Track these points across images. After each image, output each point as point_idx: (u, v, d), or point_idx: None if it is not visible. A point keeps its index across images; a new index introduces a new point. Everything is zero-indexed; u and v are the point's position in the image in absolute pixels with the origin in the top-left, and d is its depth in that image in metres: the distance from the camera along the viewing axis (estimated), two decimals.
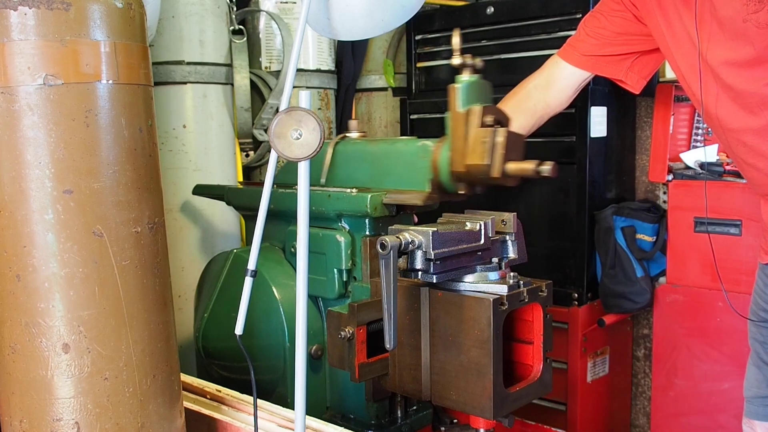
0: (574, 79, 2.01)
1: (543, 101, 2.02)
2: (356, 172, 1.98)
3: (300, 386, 1.34)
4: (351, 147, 2.04)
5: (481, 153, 1.63)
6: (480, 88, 1.73)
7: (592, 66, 1.98)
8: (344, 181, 1.99)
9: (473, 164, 1.66)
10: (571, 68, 1.99)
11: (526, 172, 1.61)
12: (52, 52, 1.09)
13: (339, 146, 2.04)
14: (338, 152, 2.03)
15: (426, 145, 1.84)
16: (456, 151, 1.71)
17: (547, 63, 2.04)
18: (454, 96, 1.71)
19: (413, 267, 1.50)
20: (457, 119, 1.70)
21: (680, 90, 2.53)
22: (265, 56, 2.87)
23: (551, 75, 2.02)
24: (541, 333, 1.62)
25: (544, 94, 2.02)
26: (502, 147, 1.62)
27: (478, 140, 1.65)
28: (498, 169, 1.62)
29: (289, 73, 1.38)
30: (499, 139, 1.63)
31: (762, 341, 1.82)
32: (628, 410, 2.96)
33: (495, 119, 1.68)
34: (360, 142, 2.06)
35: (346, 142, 2.06)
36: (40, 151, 1.11)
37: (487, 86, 1.75)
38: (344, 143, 2.05)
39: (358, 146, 2.04)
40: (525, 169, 1.61)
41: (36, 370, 1.16)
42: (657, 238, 2.59)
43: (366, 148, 2.02)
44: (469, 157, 1.67)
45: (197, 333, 2.19)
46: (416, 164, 1.83)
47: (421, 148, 1.85)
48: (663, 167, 2.56)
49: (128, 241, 1.18)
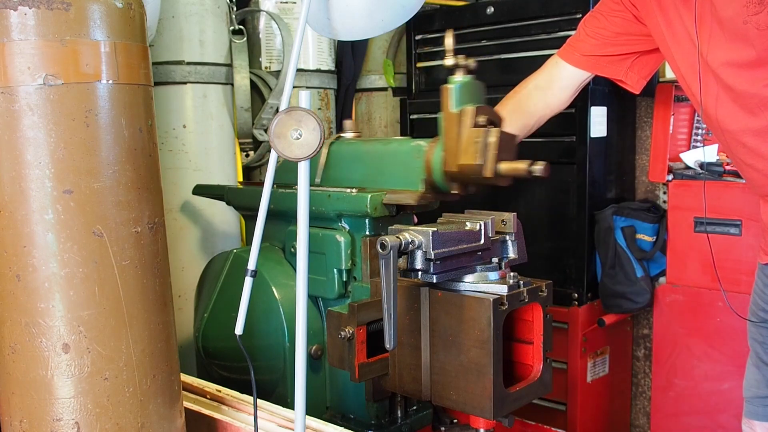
0: (575, 79, 2.01)
1: (543, 101, 2.02)
2: (351, 172, 1.98)
3: (300, 386, 1.34)
4: (346, 147, 2.05)
5: (474, 153, 1.64)
6: (473, 88, 1.74)
7: (592, 66, 1.98)
8: (339, 181, 1.99)
9: (466, 164, 1.67)
10: (571, 68, 1.99)
11: (518, 172, 1.62)
12: (52, 52, 1.09)
13: (334, 146, 2.05)
14: (333, 152, 2.04)
15: (419, 145, 1.85)
16: (449, 151, 1.72)
17: (547, 63, 2.04)
18: (447, 97, 1.72)
19: (413, 267, 1.50)
20: (450, 119, 1.71)
21: (680, 90, 2.53)
22: (265, 56, 2.87)
23: (551, 75, 2.02)
24: (541, 333, 1.62)
25: (544, 94, 2.02)
26: (495, 147, 1.63)
27: (471, 140, 1.66)
28: (490, 169, 1.63)
29: (289, 73, 1.38)
30: (492, 140, 1.64)
31: (761, 341, 1.82)
32: (628, 410, 2.96)
33: (488, 119, 1.69)
34: (355, 143, 2.06)
35: (341, 142, 2.06)
36: (40, 151, 1.11)
37: (480, 87, 1.76)
38: (339, 143, 2.06)
39: (353, 146, 2.04)
40: (517, 169, 1.62)
41: (36, 370, 1.16)
42: (657, 238, 2.59)
43: (361, 148, 2.02)
44: (461, 157, 1.68)
45: (197, 333, 2.19)
46: (410, 164, 1.84)
47: (414, 148, 1.86)
48: (663, 167, 2.56)
49: (128, 241, 1.18)
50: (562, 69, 2.00)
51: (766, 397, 1.81)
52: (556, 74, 2.02)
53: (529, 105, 2.02)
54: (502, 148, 1.64)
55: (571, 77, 2.00)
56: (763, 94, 1.62)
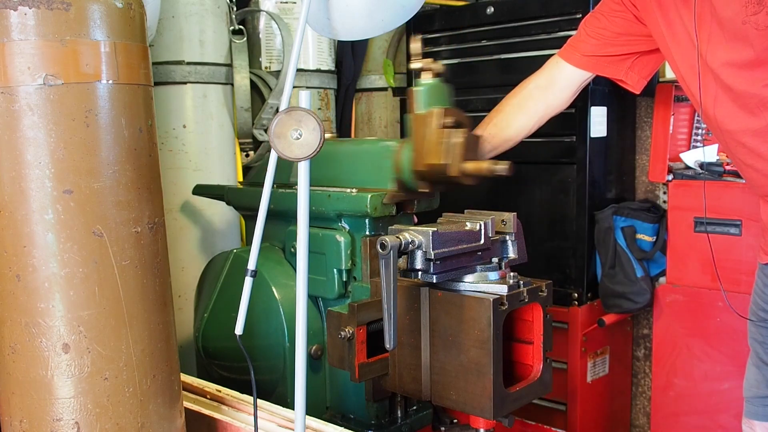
0: (575, 80, 2.01)
1: (544, 101, 2.02)
2: (326, 172, 1.99)
3: (300, 386, 1.34)
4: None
5: (440, 153, 1.71)
6: (440, 91, 1.80)
7: (593, 66, 1.98)
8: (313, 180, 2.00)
9: (432, 164, 1.73)
10: (572, 68, 1.99)
11: (482, 171, 1.69)
12: (52, 52, 1.09)
13: None
14: None
15: (389, 145, 1.90)
16: (417, 151, 1.78)
17: (548, 63, 2.04)
18: (414, 99, 1.78)
19: (413, 267, 1.50)
20: (417, 121, 1.77)
21: (680, 90, 2.53)
22: (265, 56, 2.87)
23: (552, 75, 2.02)
24: (541, 333, 1.62)
25: (544, 94, 2.02)
26: (460, 147, 1.70)
27: (437, 141, 1.73)
28: (456, 169, 1.70)
29: (289, 73, 1.38)
30: (457, 140, 1.71)
31: (761, 341, 1.82)
32: (628, 410, 2.96)
33: (454, 121, 1.75)
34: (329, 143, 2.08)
35: None
36: (40, 151, 1.11)
37: (447, 89, 1.82)
38: None
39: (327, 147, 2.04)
40: (481, 168, 1.69)
41: (36, 370, 1.16)
42: (657, 238, 2.59)
43: (334, 149, 2.05)
44: (428, 157, 1.74)
45: (197, 333, 2.19)
46: (380, 164, 1.89)
47: (384, 149, 1.91)
48: (663, 167, 2.56)
49: (128, 241, 1.18)
50: (562, 69, 2.01)
51: (767, 396, 1.81)
52: (557, 74, 2.02)
53: (530, 105, 2.02)
54: (467, 148, 1.72)
55: (571, 77, 2.01)
56: (762, 94, 1.62)
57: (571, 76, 2.00)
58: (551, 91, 2.02)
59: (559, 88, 2.02)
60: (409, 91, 1.79)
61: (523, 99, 2.02)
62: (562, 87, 2.02)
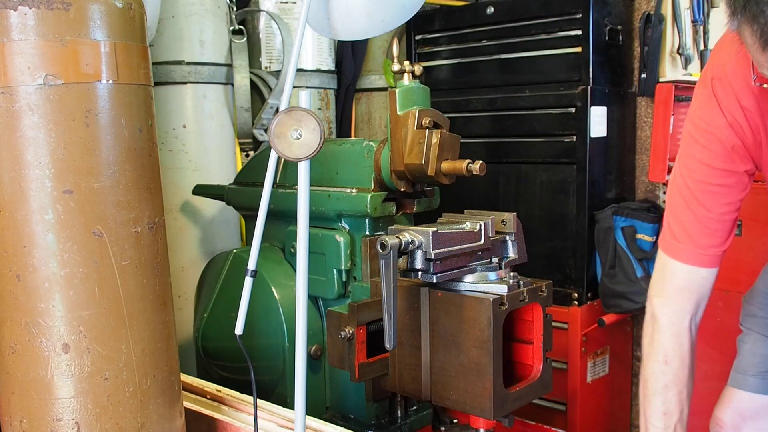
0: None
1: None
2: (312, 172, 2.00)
3: (300, 386, 1.34)
4: None
5: (418, 153, 1.77)
6: (418, 92, 1.83)
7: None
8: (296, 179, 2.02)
9: (411, 163, 1.79)
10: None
11: (458, 171, 1.75)
12: (52, 52, 1.09)
13: None
14: None
15: (370, 145, 1.94)
16: (396, 151, 1.83)
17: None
18: (393, 100, 1.82)
19: (413, 267, 1.50)
20: (396, 122, 1.82)
21: (680, 90, 2.53)
22: (265, 56, 2.87)
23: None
24: (541, 333, 1.62)
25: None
26: (437, 147, 1.76)
27: (415, 141, 1.79)
28: (433, 168, 1.76)
29: (289, 73, 1.38)
30: (434, 140, 1.77)
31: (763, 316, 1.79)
32: (628, 410, 2.95)
33: (432, 121, 1.79)
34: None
35: None
36: (40, 151, 1.11)
37: (426, 91, 1.86)
38: None
39: None
40: (457, 168, 1.75)
41: (36, 370, 1.16)
42: (657, 238, 2.59)
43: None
44: (407, 157, 1.79)
45: (197, 333, 2.19)
46: (361, 164, 1.93)
47: (365, 149, 1.94)
48: (663, 167, 2.55)
49: (128, 241, 1.18)
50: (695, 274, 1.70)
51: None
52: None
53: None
54: (444, 148, 1.78)
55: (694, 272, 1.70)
56: None
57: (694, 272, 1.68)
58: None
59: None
60: (389, 92, 1.84)
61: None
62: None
